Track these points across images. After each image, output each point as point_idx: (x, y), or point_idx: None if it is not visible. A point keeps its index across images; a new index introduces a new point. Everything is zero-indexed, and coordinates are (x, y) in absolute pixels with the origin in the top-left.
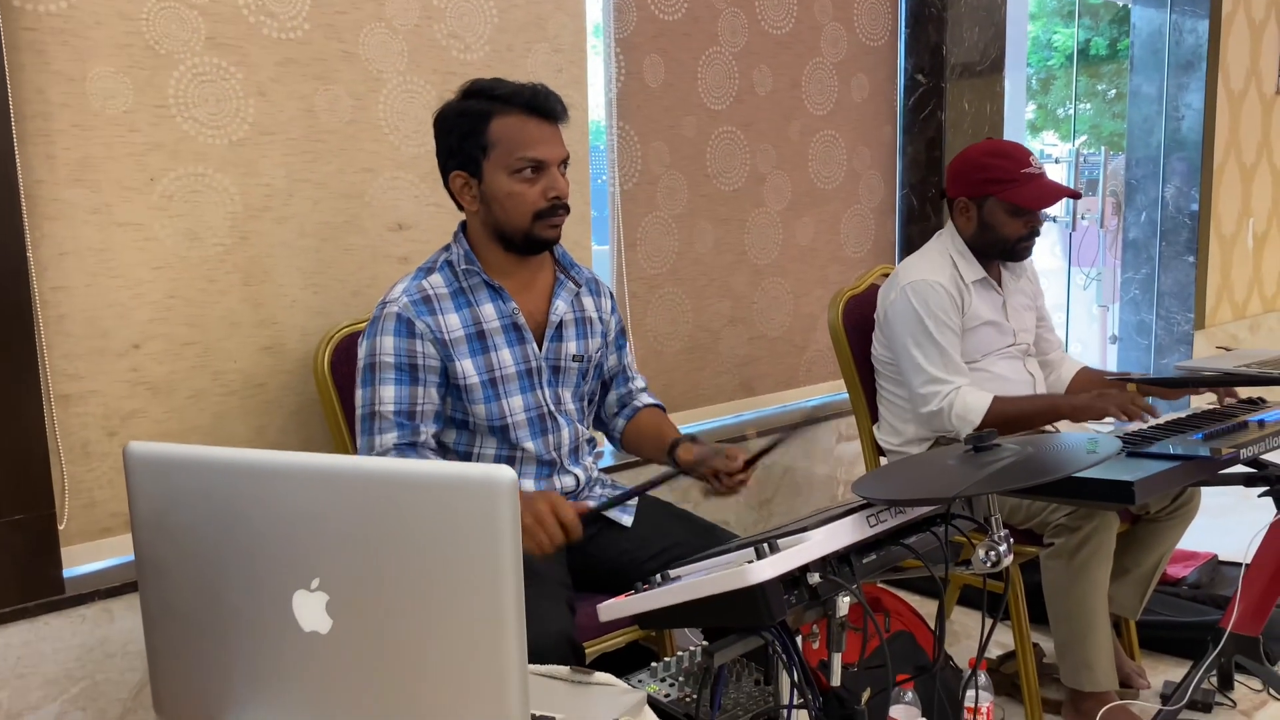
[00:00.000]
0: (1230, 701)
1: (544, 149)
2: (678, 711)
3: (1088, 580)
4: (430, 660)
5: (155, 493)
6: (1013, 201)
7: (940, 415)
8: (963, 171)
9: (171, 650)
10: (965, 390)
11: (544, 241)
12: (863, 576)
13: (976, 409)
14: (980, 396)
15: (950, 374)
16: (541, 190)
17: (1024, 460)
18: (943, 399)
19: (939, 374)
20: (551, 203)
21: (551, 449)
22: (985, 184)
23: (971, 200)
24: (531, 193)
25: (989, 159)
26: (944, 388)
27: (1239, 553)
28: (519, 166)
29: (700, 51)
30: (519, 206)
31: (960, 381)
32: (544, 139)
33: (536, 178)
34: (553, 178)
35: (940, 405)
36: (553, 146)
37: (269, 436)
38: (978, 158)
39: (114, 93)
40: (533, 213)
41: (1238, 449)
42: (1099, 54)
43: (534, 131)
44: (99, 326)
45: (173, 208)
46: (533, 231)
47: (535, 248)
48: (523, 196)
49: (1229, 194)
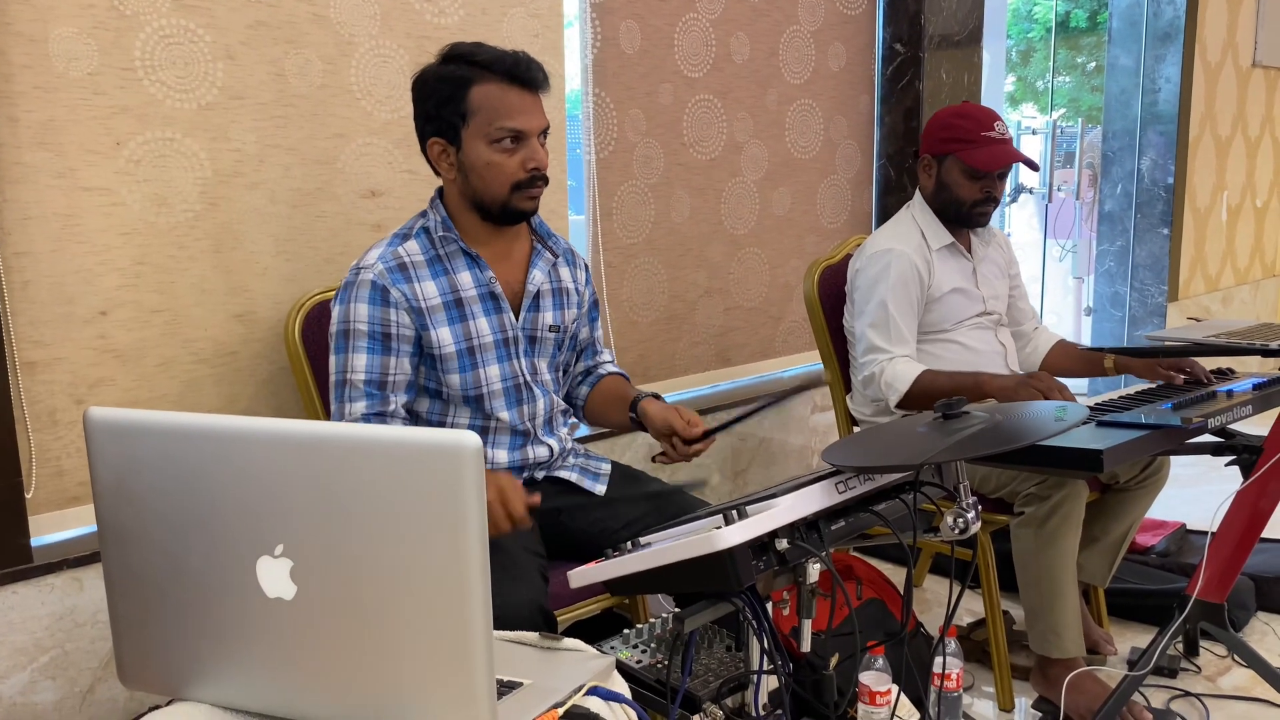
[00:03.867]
0: (1195, 667)
1: (524, 119)
2: (649, 677)
3: (1056, 548)
4: (395, 626)
5: (117, 459)
6: (966, 162)
7: (872, 382)
8: (930, 129)
9: (135, 618)
10: (899, 360)
11: (521, 213)
12: (831, 543)
13: (904, 378)
14: (911, 367)
15: (891, 344)
16: (520, 161)
17: (992, 428)
18: (875, 366)
19: (880, 342)
20: (530, 174)
21: (526, 419)
22: (946, 142)
23: (933, 158)
24: (510, 163)
25: (954, 118)
26: (880, 356)
27: (1207, 522)
28: (498, 136)
29: (677, 18)
30: (497, 177)
31: (899, 352)
32: (525, 109)
33: (516, 148)
34: (532, 148)
35: (873, 371)
36: (533, 116)
37: (240, 405)
38: (945, 117)
39: (78, 54)
40: (511, 183)
41: (1206, 418)
42: (1079, 26)
43: (515, 101)
44: (65, 293)
45: (140, 173)
46: (510, 202)
47: (512, 218)
48: (501, 167)
49: (1204, 167)
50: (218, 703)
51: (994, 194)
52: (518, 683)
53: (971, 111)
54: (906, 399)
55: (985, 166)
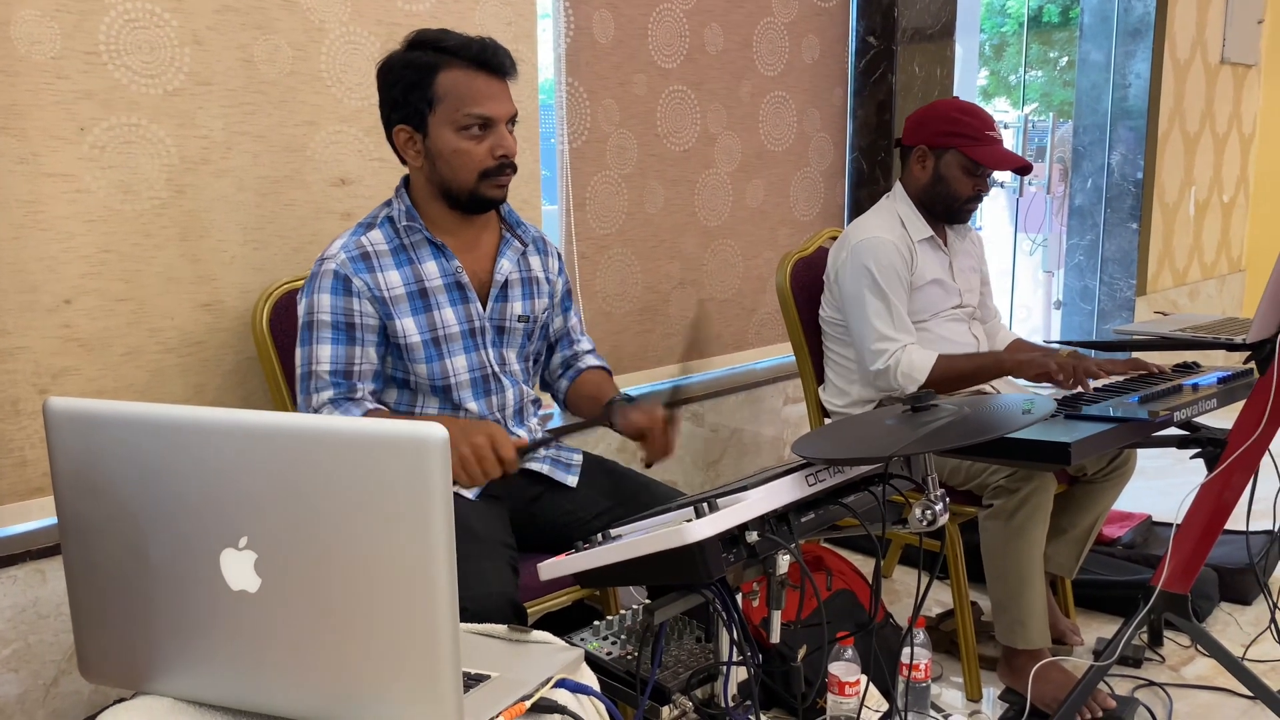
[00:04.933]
0: (1160, 657)
1: (492, 105)
2: (618, 669)
3: (1024, 541)
4: (360, 618)
5: (77, 450)
6: (973, 158)
7: (887, 374)
8: (927, 121)
9: (96, 611)
10: (911, 348)
11: (489, 201)
12: (801, 535)
13: (921, 366)
14: (925, 354)
15: (898, 332)
16: (489, 148)
17: (960, 420)
18: (890, 357)
19: (888, 331)
20: (499, 161)
21: (495, 409)
22: (950, 136)
23: (931, 150)
24: (478, 150)
25: (958, 114)
26: (891, 345)
27: (1173, 514)
28: (466, 123)
29: (650, 8)
30: (465, 164)
31: (907, 340)
32: (492, 95)
33: (484, 135)
34: (500, 135)
35: (887, 363)
36: (501, 103)
37: (207, 395)
38: (947, 111)
39: (40, 38)
40: (479, 171)
41: (1171, 411)
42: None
43: (482, 87)
44: (27, 280)
45: (105, 159)
46: (478, 190)
47: (480, 207)
48: (469, 154)
49: (1172, 162)
50: (181, 696)
51: (983, 191)
52: (485, 675)
53: (975, 110)
54: (926, 387)
55: (991, 164)
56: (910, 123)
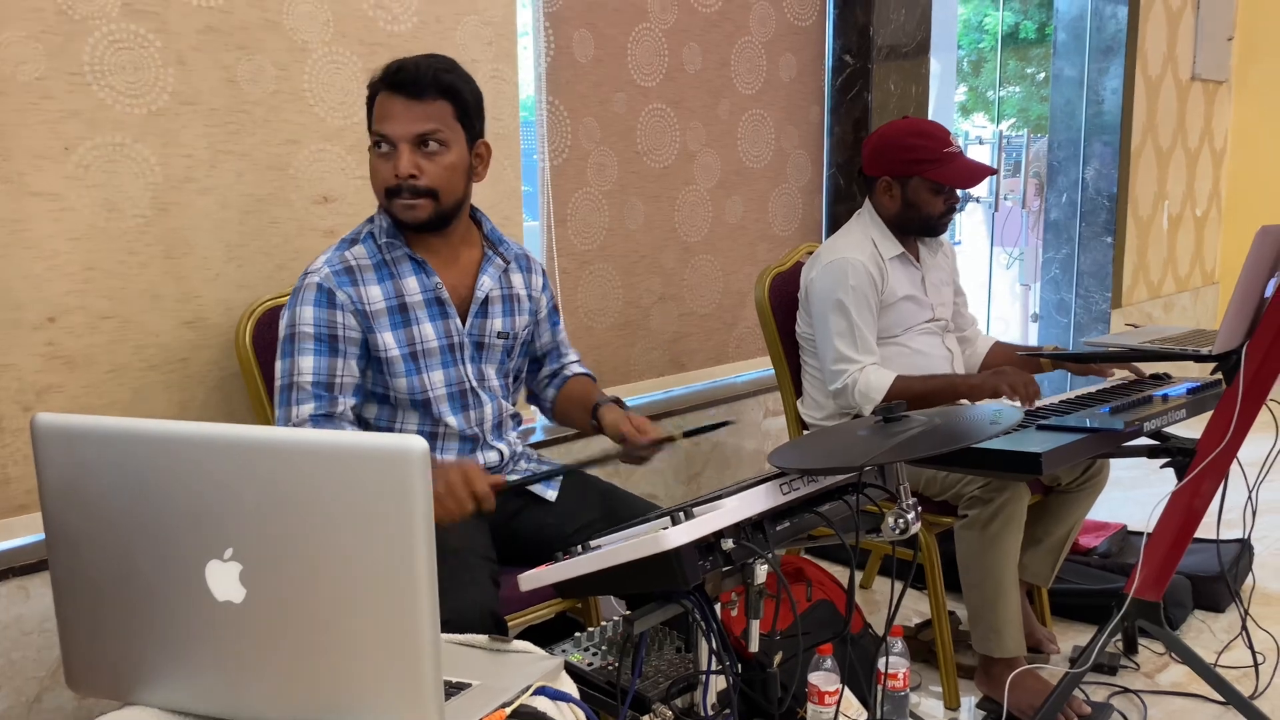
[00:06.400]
0: (1134, 664)
1: (390, 125)
2: (599, 679)
3: (999, 550)
4: (343, 629)
5: (64, 464)
6: (939, 180)
7: (845, 393)
8: (884, 151)
9: (83, 623)
10: (870, 369)
11: (404, 223)
12: (777, 543)
13: (878, 387)
14: (883, 375)
15: (860, 353)
16: (391, 167)
17: (930, 431)
18: (848, 376)
19: (848, 352)
20: (398, 182)
21: (473, 424)
22: (910, 164)
23: (895, 179)
24: (384, 169)
25: (912, 139)
26: (850, 366)
27: (1147, 523)
28: (373, 141)
29: (630, 27)
30: (375, 182)
31: (867, 361)
32: (395, 114)
33: (388, 154)
34: (398, 155)
35: (845, 383)
36: (401, 123)
37: (191, 411)
38: (900, 138)
39: (25, 58)
40: (384, 189)
41: (1142, 422)
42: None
43: (390, 107)
44: (12, 298)
45: (89, 178)
46: (390, 209)
47: (405, 226)
48: (376, 172)
49: (1146, 177)
50: (167, 706)
51: (954, 204)
52: (466, 684)
53: (928, 129)
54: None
55: (960, 184)
56: (868, 153)
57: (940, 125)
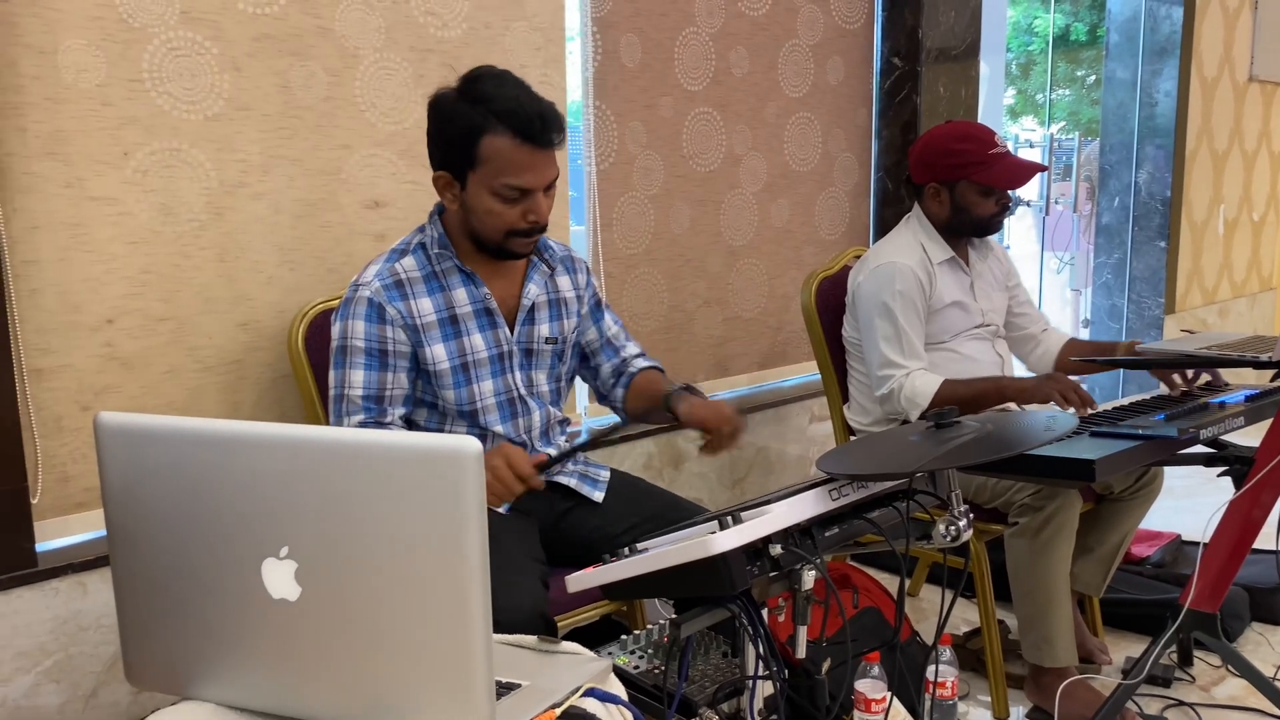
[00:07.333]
0: (1189, 677)
1: (530, 177)
2: (645, 682)
3: (1050, 558)
4: (397, 627)
5: (126, 462)
6: (987, 183)
7: (891, 398)
8: (930, 158)
9: (142, 618)
10: (916, 374)
11: (515, 255)
12: (825, 549)
13: (924, 392)
14: (929, 380)
15: (906, 358)
16: (521, 212)
17: (983, 437)
18: (894, 382)
19: (895, 357)
20: (529, 225)
21: (521, 431)
22: (956, 169)
23: (943, 185)
24: (510, 213)
25: (957, 144)
26: (897, 371)
27: (1201, 533)
28: (503, 192)
29: (677, 32)
30: (495, 224)
31: (914, 366)
32: (533, 166)
33: (519, 199)
34: (535, 202)
35: (891, 388)
36: (540, 174)
37: (244, 412)
38: (945, 143)
39: (86, 66)
40: (507, 231)
41: (1198, 429)
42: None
43: (524, 159)
44: (72, 301)
45: (147, 182)
46: (505, 245)
47: (505, 257)
48: (501, 216)
49: (1201, 180)
50: (223, 702)
51: (1007, 204)
52: (516, 684)
53: (971, 132)
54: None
55: (1008, 185)
56: (914, 160)
57: (985, 127)
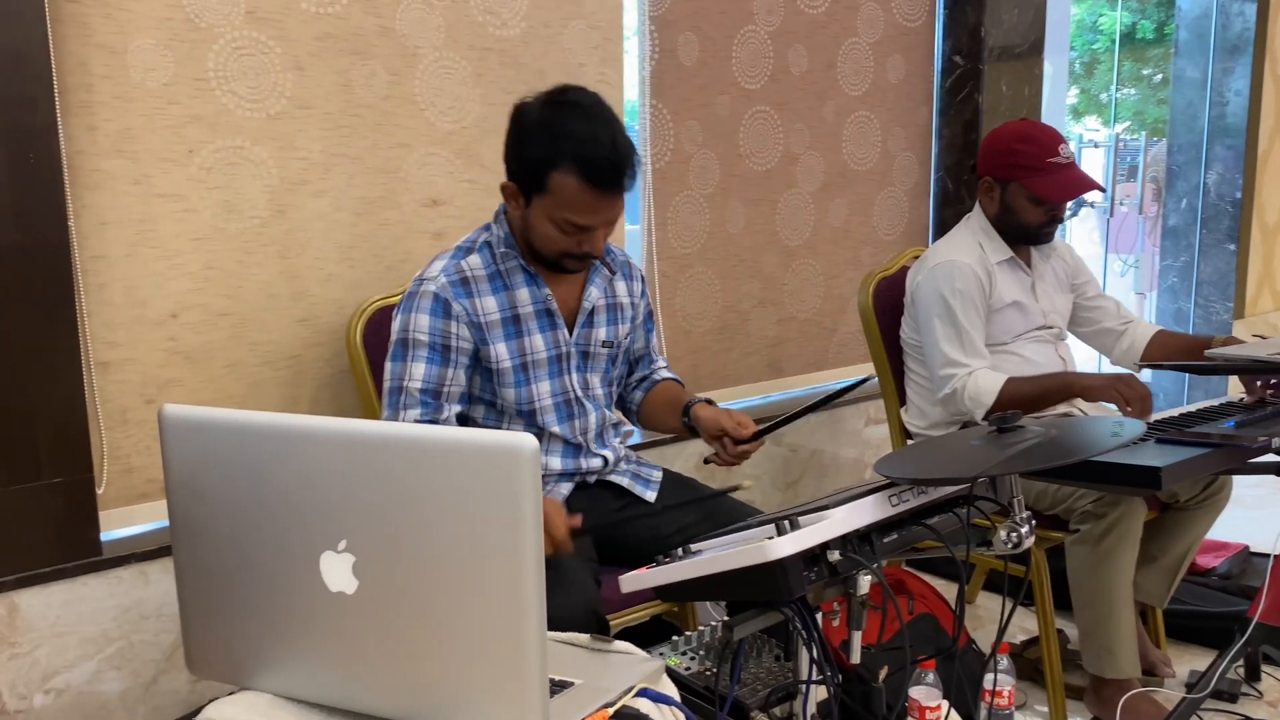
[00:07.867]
0: (1257, 692)
1: (591, 218)
2: (697, 684)
3: (1112, 567)
4: (452, 622)
5: (189, 454)
6: (1034, 191)
7: (954, 398)
8: (991, 152)
9: (203, 608)
10: (979, 373)
11: (568, 272)
12: (883, 556)
13: (989, 391)
14: (993, 378)
15: (969, 357)
16: (577, 242)
17: (1047, 442)
18: (957, 381)
19: (957, 356)
20: (583, 254)
21: (578, 433)
22: (1010, 168)
23: (996, 181)
24: (566, 242)
25: (1017, 144)
26: (959, 370)
27: (1271, 544)
28: (563, 226)
29: (735, 30)
30: (551, 246)
31: (977, 365)
32: (597, 209)
33: (576, 233)
34: (592, 237)
35: (954, 387)
36: (603, 215)
37: (302, 407)
38: (1007, 141)
39: (154, 65)
40: (561, 253)
41: (1270, 437)
42: (1145, 37)
43: (589, 202)
44: (137, 295)
45: (211, 180)
46: (558, 263)
47: (556, 270)
48: (555, 242)
49: (1273, 181)
50: (280, 693)
51: (1059, 215)
52: (569, 682)
53: (1035, 134)
54: (994, 410)
55: (1053, 197)
56: (981, 150)
57: (1054, 132)
